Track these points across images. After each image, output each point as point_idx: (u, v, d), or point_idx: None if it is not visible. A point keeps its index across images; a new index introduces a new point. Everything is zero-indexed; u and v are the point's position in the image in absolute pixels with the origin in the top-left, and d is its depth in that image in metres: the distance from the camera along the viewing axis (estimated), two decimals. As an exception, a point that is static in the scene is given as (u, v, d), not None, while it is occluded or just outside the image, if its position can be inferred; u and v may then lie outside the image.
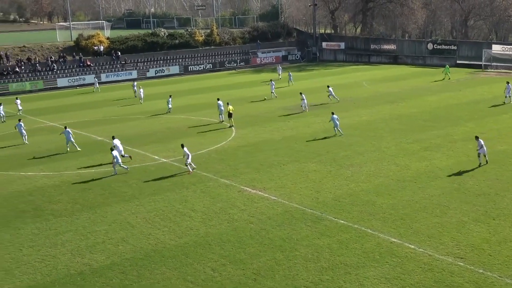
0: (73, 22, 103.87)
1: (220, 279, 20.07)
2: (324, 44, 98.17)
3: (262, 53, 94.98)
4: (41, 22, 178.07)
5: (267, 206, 27.13)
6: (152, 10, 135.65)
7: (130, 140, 42.43)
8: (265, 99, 57.84)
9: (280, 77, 73.76)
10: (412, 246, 21.88)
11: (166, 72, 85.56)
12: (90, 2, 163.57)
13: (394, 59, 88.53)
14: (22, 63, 77.93)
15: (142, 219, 26.17)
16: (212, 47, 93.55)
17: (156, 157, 37.28)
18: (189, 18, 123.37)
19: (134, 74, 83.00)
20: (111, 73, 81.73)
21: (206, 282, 19.85)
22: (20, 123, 43.02)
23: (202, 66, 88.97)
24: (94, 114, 54.81)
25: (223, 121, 46.81)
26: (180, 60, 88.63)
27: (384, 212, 25.62)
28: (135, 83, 66.77)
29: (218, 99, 48.42)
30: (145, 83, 77.01)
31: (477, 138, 32.13)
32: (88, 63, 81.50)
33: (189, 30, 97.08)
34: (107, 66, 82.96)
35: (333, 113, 41.23)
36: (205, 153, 37.56)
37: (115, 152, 33.17)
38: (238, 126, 45.49)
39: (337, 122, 40.41)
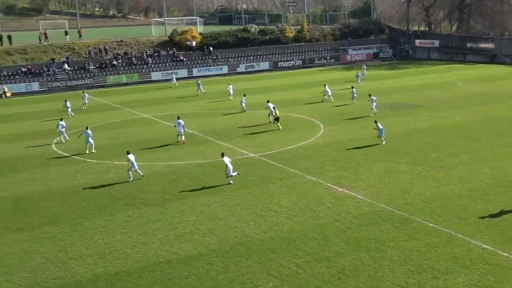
0: (168, 18, 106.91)
1: (304, 275, 20.06)
2: (417, 41, 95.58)
3: (353, 50, 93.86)
4: (138, 18, 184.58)
5: (354, 205, 26.82)
6: (244, 6, 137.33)
7: (218, 134, 43.22)
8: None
9: (364, 77, 71.43)
10: (506, 254, 20.90)
11: (256, 68, 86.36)
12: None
13: (491, 58, 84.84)
14: (120, 56, 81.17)
15: (229, 212, 26.59)
16: (302, 43, 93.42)
17: (244, 151, 37.74)
18: (280, 14, 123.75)
19: (225, 69, 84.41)
20: (203, 68, 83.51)
21: (290, 278, 19.90)
22: (62, 122, 42.51)
23: (291, 62, 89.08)
24: (184, 108, 56.19)
25: (271, 122, 45.78)
26: (270, 56, 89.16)
27: (477, 217, 24.63)
28: (200, 81, 66.85)
29: (268, 101, 47.45)
30: (235, 78, 78.09)
31: None
32: (181, 58, 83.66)
33: (279, 26, 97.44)
34: (199, 61, 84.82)
35: (376, 121, 38.68)
36: (293, 149, 37.61)
37: (131, 156, 31.89)
38: (327, 124, 45.23)
39: (383, 130, 37.89)
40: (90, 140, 38.62)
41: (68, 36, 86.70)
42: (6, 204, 29.18)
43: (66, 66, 76.36)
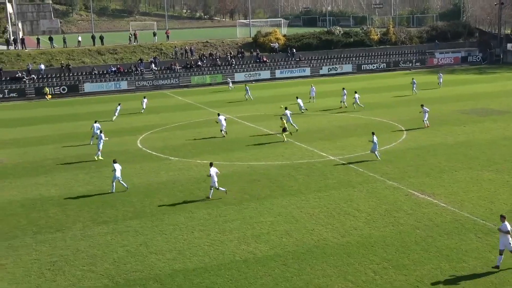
0: (253, 20, 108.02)
1: (381, 282, 19.71)
2: (509, 45, 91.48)
3: (440, 53, 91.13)
4: (224, 19, 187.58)
5: (436, 212, 26.08)
6: (329, 8, 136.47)
7: (298, 135, 43.15)
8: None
9: (440, 85, 67.95)
10: None
11: (339, 70, 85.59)
12: (270, 0, 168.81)
13: None
14: (204, 57, 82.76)
15: (306, 214, 26.53)
16: (387, 46, 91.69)
17: (323, 154, 37.52)
18: (366, 16, 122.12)
19: (308, 71, 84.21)
20: (285, 70, 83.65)
21: (367, 284, 19.60)
22: (96, 124, 42.34)
23: (375, 65, 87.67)
24: (264, 109, 56.46)
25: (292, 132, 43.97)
26: (354, 59, 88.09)
27: None
28: (247, 86, 65.52)
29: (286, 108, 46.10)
30: (318, 80, 77.78)
31: None
32: (264, 59, 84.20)
33: (364, 29, 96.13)
34: (282, 63, 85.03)
35: (373, 133, 35.74)
36: (374, 154, 36.98)
37: (117, 166, 30.86)
38: (410, 128, 44.16)
39: (376, 145, 35.05)
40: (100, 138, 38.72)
41: (156, 37, 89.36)
42: (93, 198, 30.45)
43: (153, 66, 78.67)
